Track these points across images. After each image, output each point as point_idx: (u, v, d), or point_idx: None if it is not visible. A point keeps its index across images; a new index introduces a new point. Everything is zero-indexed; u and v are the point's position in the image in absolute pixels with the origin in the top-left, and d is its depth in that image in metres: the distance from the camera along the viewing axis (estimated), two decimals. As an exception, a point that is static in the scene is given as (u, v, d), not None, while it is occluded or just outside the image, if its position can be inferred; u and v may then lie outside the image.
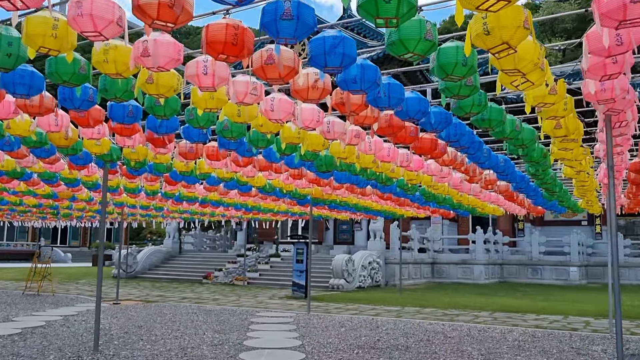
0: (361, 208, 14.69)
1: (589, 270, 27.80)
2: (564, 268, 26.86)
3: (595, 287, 25.09)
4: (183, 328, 10.09)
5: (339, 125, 5.71)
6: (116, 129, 5.68)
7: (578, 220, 32.50)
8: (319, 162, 7.46)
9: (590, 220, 32.27)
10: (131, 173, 8.67)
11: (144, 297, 16.76)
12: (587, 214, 32.48)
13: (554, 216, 33.59)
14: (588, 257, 28.23)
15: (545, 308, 14.65)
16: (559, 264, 26.89)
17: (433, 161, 8.24)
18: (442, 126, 5.25)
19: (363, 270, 21.33)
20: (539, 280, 26.82)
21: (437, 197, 11.73)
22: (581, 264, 26.91)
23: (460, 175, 9.68)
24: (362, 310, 13.63)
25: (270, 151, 7.29)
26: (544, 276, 27.01)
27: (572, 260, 26.73)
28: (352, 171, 8.14)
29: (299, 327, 10.45)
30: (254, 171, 8.62)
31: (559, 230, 32.03)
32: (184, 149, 6.74)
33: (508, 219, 32.52)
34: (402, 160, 7.31)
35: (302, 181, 9.75)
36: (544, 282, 26.57)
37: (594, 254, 29.14)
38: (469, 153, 6.50)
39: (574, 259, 26.77)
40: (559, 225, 32.89)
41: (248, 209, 15.38)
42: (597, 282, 27.00)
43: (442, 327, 10.73)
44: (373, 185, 10.23)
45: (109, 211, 16.58)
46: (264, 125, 5.48)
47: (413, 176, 8.76)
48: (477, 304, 15.61)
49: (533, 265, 27.45)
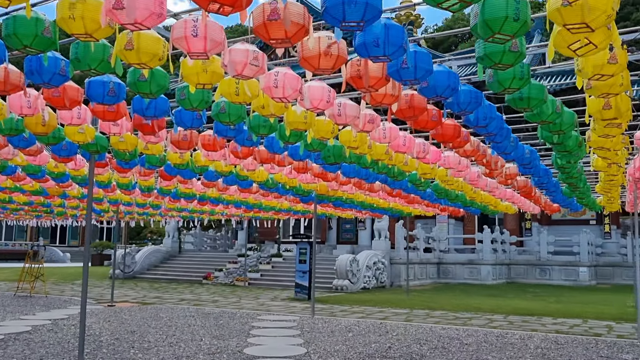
0: (367, 206, 13.99)
1: (598, 270, 27.10)
2: (573, 268, 26.14)
3: (604, 288, 24.40)
4: (179, 333, 9.39)
5: (351, 108, 5.01)
6: (97, 111, 4.98)
7: (586, 220, 31.80)
8: (327, 153, 6.76)
9: (599, 220, 31.53)
10: (122, 166, 7.98)
11: (141, 298, 16.08)
12: (595, 213, 31.77)
13: (561, 215, 32.84)
14: (597, 257, 27.50)
15: (560, 310, 13.94)
16: (568, 264, 26.17)
17: (451, 153, 7.54)
18: (471, 107, 4.55)
19: (368, 270, 20.62)
20: (548, 280, 26.11)
21: (449, 193, 11.03)
22: (591, 264, 26.18)
23: (478, 169, 8.98)
24: (369, 313, 12.93)
25: (272, 140, 6.59)
26: (552, 277, 26.30)
27: (582, 261, 26.00)
28: (362, 164, 7.44)
29: (303, 332, 9.76)
30: (254, 164, 7.92)
31: (567, 229, 31.32)
32: (177, 137, 6.04)
33: (515, 218, 31.78)
34: (419, 151, 6.61)
35: (306, 175, 9.05)
36: (553, 282, 25.85)
37: (603, 254, 28.45)
38: (495, 141, 5.81)
39: (584, 259, 26.06)
40: (567, 224, 32.18)
41: (249, 207, 14.69)
42: (607, 283, 26.31)
43: (456, 333, 10.02)
44: (382, 180, 9.53)
45: (104, 209, 15.89)
46: (266, 107, 4.79)
47: (428, 169, 8.06)
48: (488, 306, 14.91)
49: (541, 266, 26.73)
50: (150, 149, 6.73)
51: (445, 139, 5.62)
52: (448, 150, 7.60)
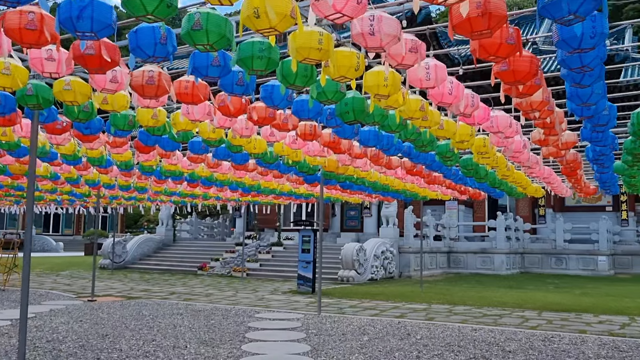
0: (379, 187, 12.35)
1: (616, 259, 25.54)
2: (592, 257, 24.58)
3: (625, 278, 22.91)
4: (160, 338, 7.79)
5: (389, 23, 3.36)
6: (11, 31, 3.31)
7: (602, 206, 30.26)
8: (344, 108, 5.08)
9: (616, 206, 29.96)
10: (82, 132, 6.31)
11: (127, 292, 14.50)
12: (612, 199, 30.17)
13: (575, 201, 31.27)
14: (614, 246, 25.92)
15: (597, 305, 12.36)
16: (586, 252, 24.60)
17: (502, 113, 5.89)
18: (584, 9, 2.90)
19: (375, 260, 19.04)
20: (564, 270, 24.57)
21: (479, 170, 9.38)
22: (610, 252, 24.63)
23: (524, 138, 7.34)
24: (382, 310, 11.34)
25: (273, 90, 4.93)
26: (569, 266, 24.75)
27: (601, 249, 24.44)
28: (389, 126, 5.78)
29: (310, 335, 8.16)
30: (250, 127, 6.25)
31: (581, 216, 29.82)
32: (140, 78, 4.36)
33: (528, 204, 30.18)
34: (467, 105, 4.95)
35: (314, 145, 7.38)
36: (570, 272, 24.33)
37: (621, 242, 26.90)
38: (583, 85, 4.15)
39: (603, 247, 24.50)
40: (581, 211, 30.68)
41: (246, 190, 13.04)
42: (626, 273, 24.80)
43: (491, 335, 8.42)
44: (405, 152, 7.87)
45: (84, 193, 14.23)
46: (262, 16, 3.12)
47: (466, 135, 6.41)
48: (512, 299, 13.33)
49: (557, 255, 25.17)
50: (111, 103, 5.06)
51: (517, 77, 3.95)
52: (497, 110, 5.96)
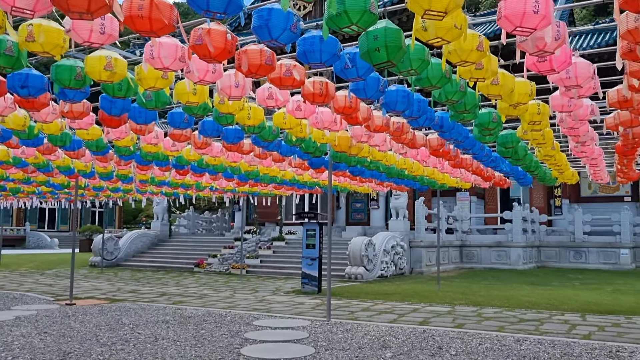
0: (395, 173, 10.82)
1: (637, 252, 24.01)
2: (613, 250, 23.11)
3: (648, 271, 21.43)
4: (135, 356, 6.30)
5: None
6: None
7: (620, 196, 28.76)
8: (372, 43, 3.53)
9: (635, 196, 28.41)
10: (18, 92, 4.79)
11: (113, 293, 13.04)
12: (630, 189, 28.64)
13: (592, 191, 29.74)
14: (635, 238, 24.38)
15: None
16: (607, 245, 23.12)
17: (580, 58, 4.37)
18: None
19: (385, 255, 17.55)
20: (584, 264, 23.09)
21: (519, 150, 7.84)
22: (632, 245, 23.12)
23: (590, 102, 5.80)
24: (400, 314, 9.85)
25: (270, 16, 3.40)
26: (589, 260, 23.27)
27: (623, 242, 22.94)
28: (428, 79, 4.24)
29: (319, 351, 6.66)
30: (241, 84, 4.71)
31: (598, 207, 28.31)
32: None
33: (542, 195, 28.63)
34: (553, 37, 3.42)
35: (324, 112, 5.83)
36: (590, 266, 22.85)
37: (642, 233, 25.37)
38: None
39: (625, 239, 23.03)
40: (598, 201, 29.16)
41: (242, 178, 11.52)
42: (648, 266, 23.33)
43: (541, 349, 6.91)
44: (437, 125, 6.34)
45: (62, 184, 12.71)
46: None
47: (526, 93, 4.88)
48: (543, 299, 11.83)
49: (576, 248, 23.68)
50: (36, 34, 3.51)
51: None
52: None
